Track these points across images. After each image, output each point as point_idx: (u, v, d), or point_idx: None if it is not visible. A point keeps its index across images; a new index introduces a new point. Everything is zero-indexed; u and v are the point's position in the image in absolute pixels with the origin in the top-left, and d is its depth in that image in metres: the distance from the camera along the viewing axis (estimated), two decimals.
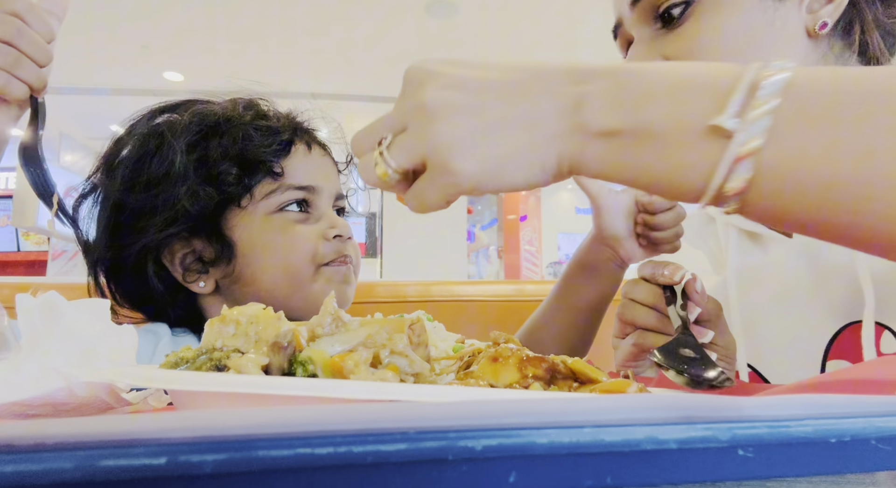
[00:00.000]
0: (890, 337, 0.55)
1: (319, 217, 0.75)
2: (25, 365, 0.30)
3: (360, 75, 5.15)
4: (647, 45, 0.57)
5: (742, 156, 0.29)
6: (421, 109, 0.34)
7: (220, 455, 0.14)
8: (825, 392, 0.22)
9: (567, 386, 0.32)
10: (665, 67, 0.33)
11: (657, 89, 0.32)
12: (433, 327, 0.47)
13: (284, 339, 0.30)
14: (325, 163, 0.80)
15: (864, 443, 0.18)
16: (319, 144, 0.81)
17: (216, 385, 0.25)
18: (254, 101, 0.79)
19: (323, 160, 0.80)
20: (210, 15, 4.22)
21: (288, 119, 0.80)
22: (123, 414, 0.34)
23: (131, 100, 5.74)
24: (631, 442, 0.16)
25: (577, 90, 0.33)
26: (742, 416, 0.18)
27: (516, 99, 0.34)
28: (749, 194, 0.30)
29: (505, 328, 0.43)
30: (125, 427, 0.15)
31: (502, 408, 0.16)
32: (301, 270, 0.72)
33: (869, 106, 0.27)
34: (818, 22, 0.54)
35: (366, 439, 0.15)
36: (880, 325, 0.56)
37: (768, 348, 0.64)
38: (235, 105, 0.76)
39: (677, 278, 0.53)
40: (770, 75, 0.29)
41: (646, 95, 0.32)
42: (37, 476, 0.13)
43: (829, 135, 0.28)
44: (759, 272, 0.67)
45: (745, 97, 0.29)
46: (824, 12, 0.54)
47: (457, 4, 4.09)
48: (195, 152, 0.70)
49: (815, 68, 0.30)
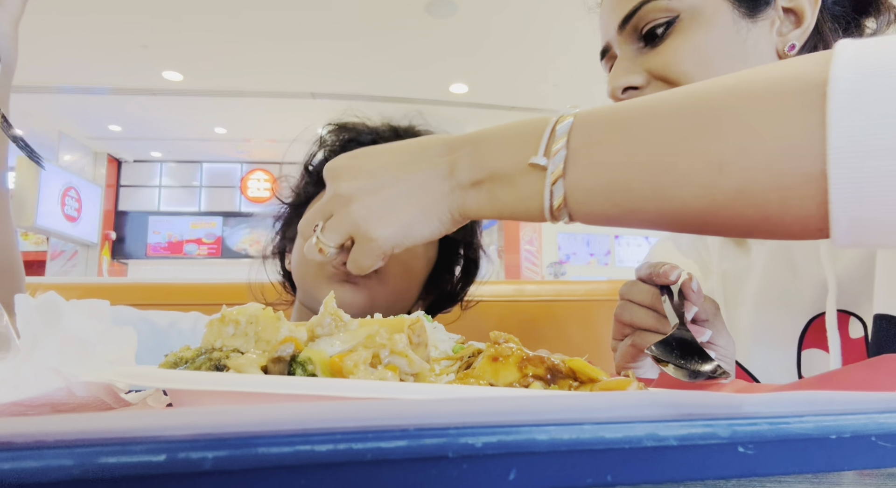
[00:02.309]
0: (856, 323, 0.59)
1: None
2: (25, 365, 0.30)
3: (360, 75, 5.16)
4: (631, 61, 0.63)
5: (554, 181, 0.39)
6: (338, 198, 0.45)
7: (220, 452, 0.14)
8: (826, 389, 0.22)
9: (567, 385, 0.32)
10: (502, 128, 0.43)
11: (499, 145, 0.42)
12: (433, 327, 0.47)
13: (284, 352, 0.30)
14: None
15: (864, 440, 0.18)
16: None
17: (215, 384, 0.25)
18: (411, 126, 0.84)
19: None
20: (210, 15, 4.22)
21: (388, 129, 0.83)
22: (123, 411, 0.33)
23: (131, 99, 5.74)
24: (631, 439, 0.16)
25: (449, 158, 0.44)
26: (742, 413, 0.18)
27: (407, 174, 0.44)
28: (569, 207, 0.40)
29: (505, 328, 0.43)
30: (125, 424, 0.15)
31: (502, 405, 0.16)
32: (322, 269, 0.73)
33: (630, 126, 0.37)
34: (787, 44, 0.60)
35: (366, 436, 0.15)
36: (847, 313, 0.60)
37: (751, 345, 0.68)
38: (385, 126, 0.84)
39: (673, 278, 0.53)
40: (563, 120, 0.39)
41: (492, 151, 0.42)
42: (37, 473, 0.13)
43: (607, 152, 0.37)
44: (742, 275, 0.71)
45: (548, 139, 0.39)
46: (792, 36, 0.59)
47: (457, 4, 4.09)
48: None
49: (596, 108, 0.40)
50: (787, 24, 0.60)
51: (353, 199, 0.44)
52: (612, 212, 0.38)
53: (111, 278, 5.98)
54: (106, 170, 7.56)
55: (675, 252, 0.83)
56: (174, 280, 1.19)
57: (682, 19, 0.58)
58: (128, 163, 7.96)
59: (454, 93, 5.59)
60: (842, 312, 0.60)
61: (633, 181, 0.37)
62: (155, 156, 7.90)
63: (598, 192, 0.38)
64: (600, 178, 0.38)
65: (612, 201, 0.38)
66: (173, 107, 6.01)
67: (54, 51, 4.58)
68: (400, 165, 0.45)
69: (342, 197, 0.45)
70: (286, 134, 1.35)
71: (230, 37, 4.55)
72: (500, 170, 0.41)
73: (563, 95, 5.54)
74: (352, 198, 0.44)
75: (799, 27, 0.59)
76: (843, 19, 0.61)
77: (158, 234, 8.01)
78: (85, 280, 2.06)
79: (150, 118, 6.32)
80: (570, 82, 5.32)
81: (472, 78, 5.29)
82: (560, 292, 1.26)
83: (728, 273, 0.73)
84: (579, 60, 4.86)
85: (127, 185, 8.02)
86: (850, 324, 0.59)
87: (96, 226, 6.88)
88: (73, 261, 6.93)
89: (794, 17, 0.60)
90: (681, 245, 0.84)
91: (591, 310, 1.23)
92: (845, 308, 0.60)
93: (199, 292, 1.15)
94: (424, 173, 0.44)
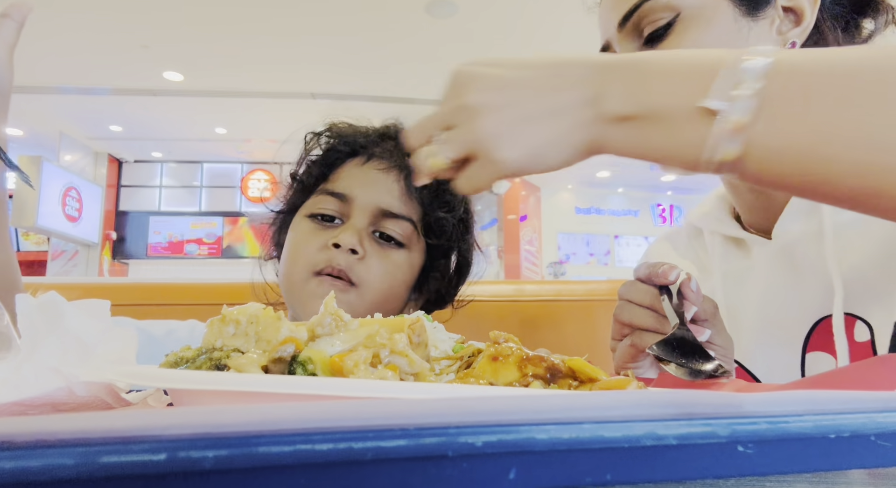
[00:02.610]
0: (862, 326, 0.58)
1: (348, 228, 0.73)
2: (25, 364, 0.30)
3: (360, 75, 5.16)
4: None
5: (729, 132, 0.33)
6: (464, 110, 0.40)
7: (221, 451, 0.14)
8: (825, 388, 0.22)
9: (567, 384, 0.32)
10: (666, 57, 0.38)
11: (661, 77, 0.37)
12: (433, 327, 0.47)
13: (285, 352, 0.30)
14: (374, 177, 0.75)
15: (863, 439, 0.18)
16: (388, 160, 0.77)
17: (216, 384, 0.25)
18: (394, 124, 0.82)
19: (374, 174, 0.76)
20: (210, 15, 4.22)
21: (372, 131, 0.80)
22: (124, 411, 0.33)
23: (131, 99, 5.74)
24: (631, 439, 0.16)
25: (597, 83, 0.39)
26: (742, 412, 0.18)
27: (545, 93, 0.39)
28: (744, 165, 0.34)
29: (505, 328, 0.43)
30: (126, 423, 0.15)
31: (502, 405, 0.16)
32: (295, 273, 0.73)
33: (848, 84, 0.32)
34: (787, 43, 0.59)
35: (366, 435, 0.15)
36: (853, 316, 0.59)
37: (752, 345, 0.67)
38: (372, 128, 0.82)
39: (672, 278, 0.53)
40: (749, 59, 0.34)
41: (651, 84, 0.37)
42: (37, 472, 0.13)
43: (818, 112, 0.32)
44: (742, 275, 0.71)
45: (727, 80, 0.33)
46: (792, 34, 0.59)
47: (457, 4, 4.09)
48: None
49: (797, 51, 0.34)
50: (786, 22, 0.59)
51: (480, 114, 0.40)
52: (795, 180, 0.34)
53: (112, 278, 5.98)
54: (107, 170, 7.56)
55: (672, 252, 0.83)
56: (175, 280, 1.19)
57: (683, 18, 0.58)
58: (128, 163, 7.96)
59: None
60: (848, 315, 0.59)
61: (835, 151, 0.31)
62: (155, 157, 7.90)
63: (788, 155, 0.33)
64: (796, 140, 0.32)
65: (803, 169, 0.33)
66: (173, 107, 6.01)
67: (55, 51, 4.58)
68: (538, 83, 0.40)
69: (469, 109, 0.40)
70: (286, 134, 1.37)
71: (230, 37, 4.55)
72: (658, 108, 0.36)
73: None
74: (480, 111, 0.40)
75: (799, 26, 0.59)
76: (842, 18, 0.61)
77: (159, 234, 8.01)
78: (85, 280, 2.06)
79: (151, 118, 6.32)
80: None
81: None
82: (560, 292, 1.26)
83: (729, 274, 0.72)
84: None
85: (127, 185, 8.02)
86: (856, 328, 0.59)
87: (97, 226, 6.89)
88: (73, 261, 6.93)
89: (793, 16, 0.59)
90: (678, 245, 0.83)
91: (590, 310, 1.23)
92: (851, 311, 0.59)
93: (199, 292, 1.15)
94: (565, 96, 0.39)
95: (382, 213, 0.74)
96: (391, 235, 0.74)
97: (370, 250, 0.72)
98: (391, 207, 0.74)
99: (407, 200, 0.75)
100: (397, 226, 0.74)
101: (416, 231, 0.75)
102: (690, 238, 0.82)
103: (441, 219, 0.76)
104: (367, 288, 0.71)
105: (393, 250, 0.74)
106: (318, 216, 0.75)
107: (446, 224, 0.77)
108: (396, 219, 0.74)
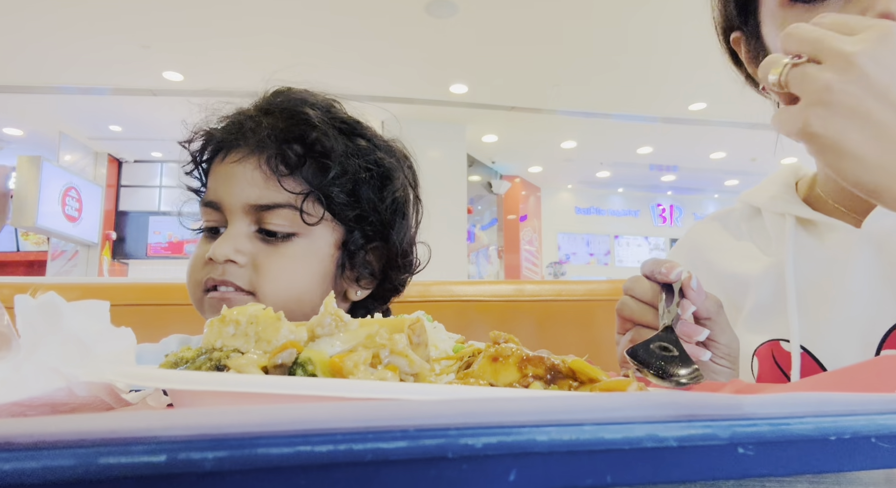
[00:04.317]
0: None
1: (222, 238, 0.64)
2: (25, 365, 0.30)
3: (360, 74, 5.15)
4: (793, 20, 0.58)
5: None
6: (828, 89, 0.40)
7: (221, 452, 0.14)
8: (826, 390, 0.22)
9: (567, 385, 0.32)
10: None
11: None
12: (433, 327, 0.47)
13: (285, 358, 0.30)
14: (232, 172, 0.66)
15: (864, 441, 0.18)
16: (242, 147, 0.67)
17: (216, 384, 0.25)
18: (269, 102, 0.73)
19: (231, 169, 0.66)
20: (210, 15, 4.22)
21: (240, 116, 0.70)
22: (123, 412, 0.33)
23: (131, 99, 5.74)
24: (631, 440, 0.16)
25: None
26: (742, 414, 0.17)
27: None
28: None
29: (505, 328, 0.43)
30: (125, 424, 0.15)
31: (502, 406, 0.16)
32: (191, 293, 0.68)
33: None
34: None
35: (366, 437, 0.15)
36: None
37: (825, 333, 0.63)
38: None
39: (673, 277, 0.53)
40: None
41: None
42: (37, 473, 0.13)
43: None
44: (815, 258, 0.67)
45: None
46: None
47: (457, 4, 4.09)
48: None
49: None
50: None
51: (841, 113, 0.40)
52: None
53: (112, 278, 5.98)
54: (106, 170, 7.56)
55: (723, 232, 0.79)
56: (174, 280, 1.19)
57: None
58: (128, 163, 7.96)
59: (454, 93, 5.59)
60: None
61: None
62: (155, 157, 7.90)
63: None
64: None
65: None
66: (174, 107, 6.01)
67: (55, 51, 4.58)
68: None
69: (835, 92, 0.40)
70: None
71: (230, 37, 4.55)
72: None
73: (563, 95, 5.53)
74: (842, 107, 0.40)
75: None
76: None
77: (159, 234, 8.01)
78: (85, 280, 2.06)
79: (151, 118, 6.32)
80: (569, 82, 5.31)
81: (472, 78, 5.29)
82: (560, 292, 1.26)
83: (799, 253, 0.68)
84: (579, 60, 4.86)
85: (127, 185, 8.02)
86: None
87: (97, 226, 6.89)
88: (73, 261, 6.93)
89: None
90: (728, 225, 0.79)
91: (590, 310, 1.23)
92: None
93: None
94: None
95: (255, 209, 0.65)
96: (273, 230, 0.65)
97: (256, 252, 0.65)
98: (260, 200, 0.64)
99: (275, 185, 0.64)
100: (275, 216, 0.64)
101: (305, 213, 0.65)
102: (745, 219, 0.78)
103: (335, 185, 0.66)
104: (266, 292, 0.64)
105: (282, 244, 0.65)
106: (206, 230, 0.70)
107: (343, 189, 0.67)
108: (271, 210, 0.64)
